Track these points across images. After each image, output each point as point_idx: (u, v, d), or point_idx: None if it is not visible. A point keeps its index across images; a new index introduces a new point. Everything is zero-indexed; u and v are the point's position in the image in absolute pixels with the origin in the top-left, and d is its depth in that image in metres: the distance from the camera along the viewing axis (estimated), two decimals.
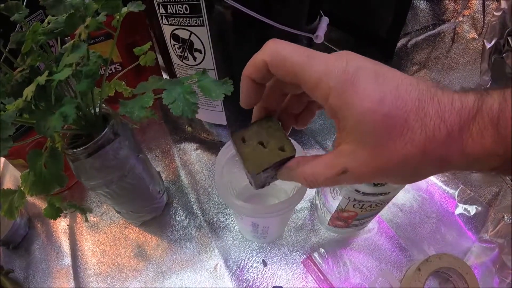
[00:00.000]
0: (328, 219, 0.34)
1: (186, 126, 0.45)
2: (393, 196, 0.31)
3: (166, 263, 0.36)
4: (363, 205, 0.30)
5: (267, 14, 0.31)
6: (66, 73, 0.22)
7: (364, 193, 0.28)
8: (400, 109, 0.14)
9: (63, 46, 0.27)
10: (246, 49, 0.35)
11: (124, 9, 0.28)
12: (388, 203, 0.32)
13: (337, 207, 0.31)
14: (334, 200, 0.31)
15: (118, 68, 0.46)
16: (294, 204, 0.27)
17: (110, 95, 0.37)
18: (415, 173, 0.15)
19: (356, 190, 0.29)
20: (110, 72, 0.46)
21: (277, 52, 0.16)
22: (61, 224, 0.42)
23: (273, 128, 0.20)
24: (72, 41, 0.24)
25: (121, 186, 0.34)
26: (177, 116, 0.46)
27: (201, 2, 0.31)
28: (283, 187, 0.36)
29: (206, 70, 0.26)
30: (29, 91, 0.22)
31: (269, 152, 0.19)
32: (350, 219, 0.32)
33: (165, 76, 0.51)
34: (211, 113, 0.39)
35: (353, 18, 0.50)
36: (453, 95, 0.14)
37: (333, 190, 0.31)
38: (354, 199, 0.29)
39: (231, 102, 0.38)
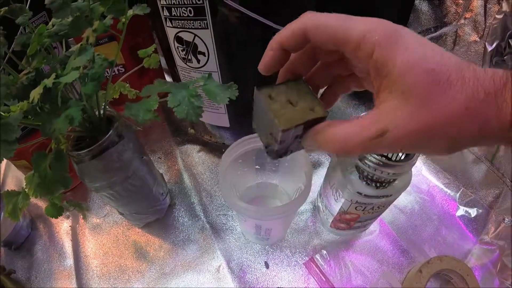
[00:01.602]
0: (330, 221, 0.34)
1: (189, 128, 0.45)
2: (395, 199, 0.31)
3: (169, 265, 0.37)
4: (365, 207, 0.30)
5: (271, 17, 0.31)
6: (73, 76, 0.22)
7: (366, 195, 0.29)
8: (444, 66, 0.14)
9: (70, 49, 0.27)
10: (250, 52, 0.35)
11: (130, 12, 0.28)
12: (389, 205, 0.33)
13: (340, 210, 0.32)
14: (336, 202, 0.32)
15: (121, 70, 0.46)
16: (297, 206, 0.27)
17: (115, 97, 0.37)
18: (456, 139, 0.14)
19: (359, 193, 0.29)
20: (114, 74, 0.46)
21: (316, 19, 0.16)
22: (63, 225, 0.42)
23: (302, 89, 0.18)
24: (79, 44, 0.24)
25: (125, 188, 0.34)
26: (179, 118, 0.46)
27: (205, 5, 0.31)
28: (286, 189, 0.36)
29: (211, 74, 0.27)
30: (36, 94, 0.22)
31: (299, 110, 0.17)
32: (352, 221, 0.33)
33: (167, 78, 0.51)
34: (214, 115, 0.39)
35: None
36: (484, 67, 0.15)
37: (336, 192, 0.31)
38: (357, 202, 0.30)
39: (234, 105, 0.39)
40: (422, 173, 0.43)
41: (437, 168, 0.44)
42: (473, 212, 0.41)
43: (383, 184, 0.28)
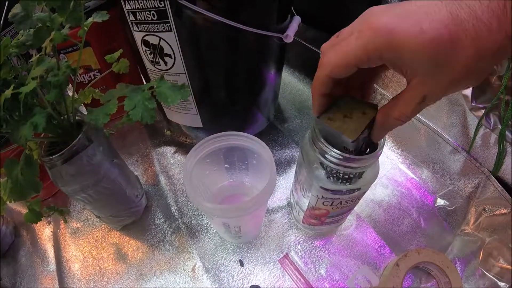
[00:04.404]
0: (302, 217, 0.36)
1: (165, 130, 0.47)
2: (364, 192, 0.32)
3: (146, 266, 0.39)
4: (332, 202, 0.32)
5: (233, 17, 0.33)
6: (31, 86, 0.24)
7: (332, 191, 0.30)
8: (439, 29, 0.17)
9: (29, 60, 0.29)
10: (216, 52, 0.37)
11: (90, 19, 0.30)
12: (359, 199, 0.34)
13: (308, 205, 0.33)
14: (305, 198, 0.33)
15: (97, 75, 0.49)
16: (260, 203, 0.29)
17: (86, 102, 0.40)
18: (478, 72, 0.18)
19: (325, 188, 0.30)
20: (90, 79, 0.49)
21: (330, 64, 0.21)
22: (45, 231, 0.45)
23: (349, 102, 0.25)
24: (38, 55, 0.26)
25: (97, 191, 0.36)
26: (157, 120, 0.49)
27: (167, 8, 0.33)
28: (257, 187, 0.38)
29: (163, 76, 0.29)
30: None
31: (356, 119, 0.24)
32: (323, 216, 0.34)
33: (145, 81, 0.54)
34: (187, 116, 0.41)
35: (327, 16, 0.52)
36: None
37: (303, 188, 0.33)
38: (323, 197, 0.31)
39: (205, 105, 0.41)
40: (399, 165, 0.45)
41: (414, 160, 0.45)
42: (452, 203, 0.42)
43: (348, 179, 0.29)
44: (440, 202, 0.43)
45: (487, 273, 0.39)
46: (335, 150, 0.26)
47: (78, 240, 0.43)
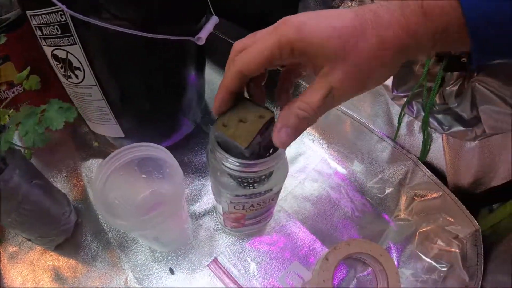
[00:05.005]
0: (223, 221, 0.37)
1: (93, 142, 0.47)
2: (277, 192, 0.33)
3: (82, 283, 0.39)
4: (243, 206, 0.32)
5: (137, 25, 0.33)
6: None
7: (240, 196, 0.30)
8: (345, 21, 0.19)
9: None
10: (125, 61, 0.37)
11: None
12: (275, 200, 0.34)
13: (223, 210, 0.34)
14: (218, 203, 0.34)
15: (21, 90, 0.48)
16: (166, 214, 0.29)
17: (3, 123, 0.39)
18: (386, 65, 0.19)
19: (230, 194, 0.30)
20: (14, 94, 0.48)
21: (243, 59, 0.21)
22: None
23: (246, 105, 0.24)
24: None
25: (19, 214, 0.36)
26: (84, 132, 0.48)
27: (68, 22, 0.32)
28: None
29: (55, 99, 0.28)
30: None
31: (251, 123, 0.23)
32: (241, 219, 0.35)
33: None
34: (108, 127, 0.41)
35: (250, 14, 0.51)
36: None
37: (214, 194, 0.33)
38: (232, 202, 0.31)
39: (123, 114, 0.41)
40: (327, 158, 0.45)
41: (342, 151, 0.46)
42: (383, 191, 0.43)
43: (255, 183, 0.29)
44: (371, 190, 0.43)
45: (423, 257, 0.40)
46: (231, 158, 0.25)
47: (16, 264, 0.43)
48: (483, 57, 0.19)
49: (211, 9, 0.42)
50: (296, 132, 0.22)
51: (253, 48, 0.21)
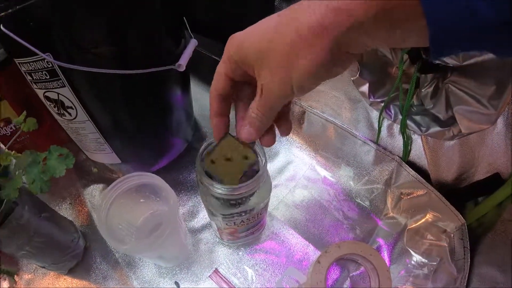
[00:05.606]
0: (220, 235, 0.40)
1: (92, 168, 0.50)
2: (266, 204, 0.35)
3: None
4: (234, 222, 0.35)
5: (116, 64, 0.35)
6: None
7: (226, 214, 0.33)
8: (268, 22, 0.20)
9: None
10: (113, 96, 0.39)
11: None
12: (264, 213, 0.37)
13: (217, 225, 0.37)
14: (212, 221, 0.36)
15: (18, 126, 0.50)
16: (165, 233, 0.32)
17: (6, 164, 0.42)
18: (306, 55, 0.19)
19: (220, 213, 0.33)
20: (12, 130, 0.50)
21: (213, 83, 0.24)
22: (4, 286, 0.48)
23: (232, 143, 0.26)
24: None
25: (33, 246, 0.39)
26: (82, 159, 0.51)
27: (55, 67, 0.35)
28: None
29: (55, 146, 0.31)
30: None
31: (237, 163, 0.26)
32: (235, 233, 0.38)
33: None
34: (104, 156, 0.44)
35: (228, 30, 0.53)
36: None
37: (208, 213, 0.36)
38: (223, 219, 0.34)
39: (118, 143, 0.43)
40: (315, 165, 0.48)
41: (328, 157, 0.48)
42: (370, 192, 0.45)
43: (240, 203, 0.31)
44: (359, 192, 0.46)
45: (414, 252, 0.42)
46: (217, 186, 0.28)
47: None
48: (441, 44, 0.15)
49: (189, 31, 0.44)
50: (257, 130, 0.24)
51: (217, 68, 0.24)
